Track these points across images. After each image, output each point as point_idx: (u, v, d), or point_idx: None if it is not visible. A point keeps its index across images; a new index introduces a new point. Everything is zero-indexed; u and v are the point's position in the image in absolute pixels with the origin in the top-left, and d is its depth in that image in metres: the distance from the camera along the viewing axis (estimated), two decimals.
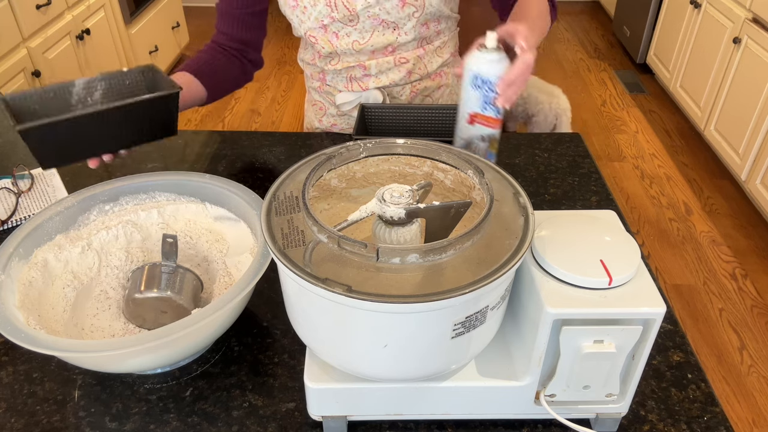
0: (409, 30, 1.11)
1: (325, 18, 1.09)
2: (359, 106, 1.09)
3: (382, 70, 1.16)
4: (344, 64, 1.16)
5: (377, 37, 1.11)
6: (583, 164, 1.15)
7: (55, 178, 1.12)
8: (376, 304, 0.52)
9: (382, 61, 1.14)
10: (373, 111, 1.10)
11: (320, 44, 1.13)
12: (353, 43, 1.12)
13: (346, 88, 1.20)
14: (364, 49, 1.12)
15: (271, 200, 0.63)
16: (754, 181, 2.33)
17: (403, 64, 1.16)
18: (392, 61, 1.15)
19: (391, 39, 1.11)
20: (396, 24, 1.10)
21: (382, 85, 1.17)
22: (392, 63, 1.15)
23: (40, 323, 0.72)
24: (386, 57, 1.14)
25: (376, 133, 1.12)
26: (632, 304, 0.57)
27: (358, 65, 1.15)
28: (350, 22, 1.09)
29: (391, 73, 1.16)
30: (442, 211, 0.60)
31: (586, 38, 3.98)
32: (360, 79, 1.18)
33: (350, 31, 1.11)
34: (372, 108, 1.10)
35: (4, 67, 2.08)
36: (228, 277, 0.83)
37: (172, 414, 0.72)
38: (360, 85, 1.18)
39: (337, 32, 1.11)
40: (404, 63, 1.15)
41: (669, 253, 2.26)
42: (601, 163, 2.76)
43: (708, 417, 0.71)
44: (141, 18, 3.05)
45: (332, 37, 1.12)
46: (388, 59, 1.14)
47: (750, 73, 2.37)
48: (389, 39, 1.11)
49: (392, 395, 0.65)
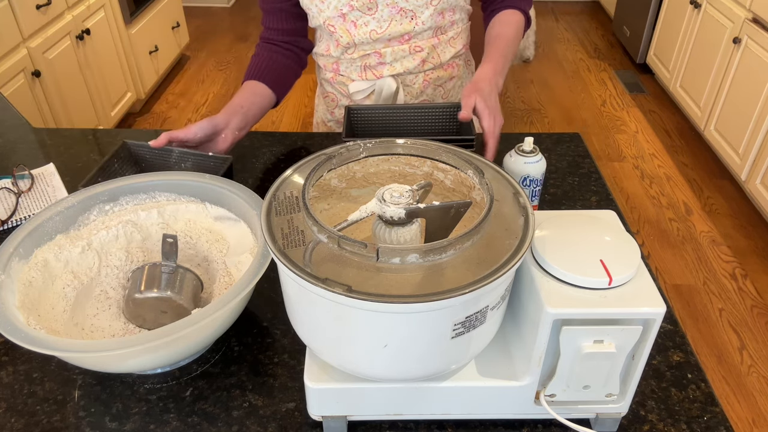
0: (426, 19, 1.13)
1: (344, 7, 1.11)
2: (345, 109, 1.09)
3: (397, 58, 1.17)
4: (360, 52, 1.17)
5: (395, 25, 1.13)
6: (583, 164, 1.15)
7: (55, 178, 1.12)
8: (376, 304, 0.52)
9: (397, 49, 1.16)
10: (359, 113, 1.10)
11: (338, 33, 1.15)
12: (371, 32, 1.14)
13: (360, 77, 1.21)
14: (381, 38, 1.14)
15: (271, 200, 0.63)
16: (754, 181, 2.33)
17: (417, 53, 1.17)
18: (407, 49, 1.16)
19: (408, 28, 1.13)
20: (414, 12, 1.12)
21: (396, 72, 1.19)
22: (407, 51, 1.16)
23: (40, 323, 0.72)
24: (401, 45, 1.16)
25: (363, 135, 1.12)
26: (632, 304, 0.57)
27: (374, 53, 1.17)
28: (369, 10, 1.11)
29: (405, 60, 1.18)
30: (442, 211, 0.60)
31: (586, 38, 3.98)
32: (374, 67, 1.19)
33: (368, 20, 1.13)
34: (358, 110, 1.10)
35: (4, 67, 2.08)
36: (228, 277, 0.83)
37: (172, 414, 0.72)
38: (374, 73, 1.20)
39: (355, 21, 1.13)
40: (419, 51, 1.17)
41: (669, 253, 2.26)
42: (601, 163, 2.76)
43: (708, 417, 0.71)
44: (141, 18, 3.04)
45: (350, 26, 1.14)
46: (403, 47, 1.16)
47: (750, 73, 2.37)
48: (406, 28, 1.13)
49: (392, 395, 0.65)
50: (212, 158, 1.03)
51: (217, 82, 3.46)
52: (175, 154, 1.03)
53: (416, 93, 1.23)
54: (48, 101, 2.34)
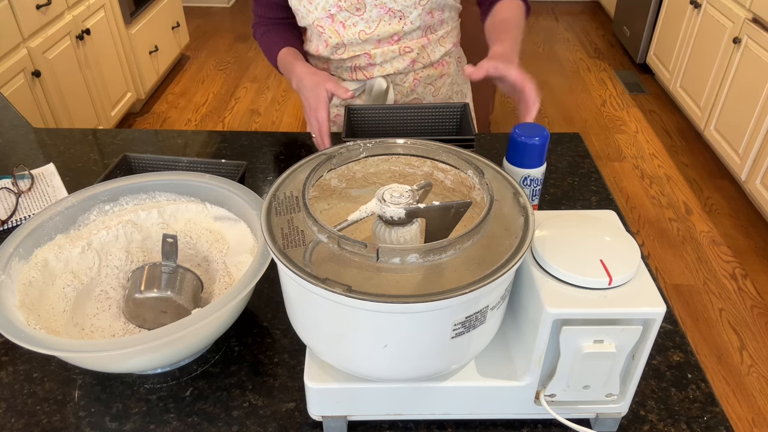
0: (415, 19, 1.13)
1: (332, 7, 1.11)
2: (345, 109, 1.09)
3: (387, 59, 1.17)
4: (350, 53, 1.17)
5: (383, 26, 1.13)
6: (583, 164, 1.15)
7: (55, 178, 1.12)
8: (376, 304, 0.52)
9: (387, 50, 1.16)
10: (359, 113, 1.10)
11: (327, 34, 1.15)
12: (360, 32, 1.13)
13: (350, 77, 1.21)
14: (370, 38, 1.14)
15: (271, 200, 0.63)
16: (754, 181, 2.33)
17: (407, 53, 1.17)
18: (397, 50, 1.16)
19: (397, 28, 1.13)
20: (402, 12, 1.12)
21: (386, 73, 1.19)
22: (397, 52, 1.16)
23: (40, 323, 0.72)
24: (391, 46, 1.16)
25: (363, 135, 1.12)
26: (632, 304, 0.57)
27: (364, 54, 1.17)
28: (357, 11, 1.11)
29: (395, 62, 1.18)
30: (442, 211, 0.60)
31: (586, 38, 3.98)
32: (364, 68, 1.19)
33: (357, 21, 1.13)
34: (358, 110, 1.10)
35: (4, 67, 2.08)
36: (228, 277, 0.83)
37: (172, 414, 0.72)
38: (364, 74, 1.20)
39: (343, 22, 1.13)
40: (409, 52, 1.17)
41: (669, 253, 2.26)
42: (601, 163, 2.76)
43: (708, 417, 0.71)
44: (141, 18, 3.04)
45: (339, 27, 1.14)
46: (393, 48, 1.16)
47: (750, 73, 2.37)
48: (395, 28, 1.13)
49: (392, 395, 0.65)
50: (224, 165, 1.01)
51: (217, 82, 3.46)
52: (184, 163, 1.02)
53: (406, 91, 1.23)
54: (48, 101, 2.34)
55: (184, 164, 1.02)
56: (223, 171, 1.01)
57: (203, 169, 1.01)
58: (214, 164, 1.01)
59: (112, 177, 0.98)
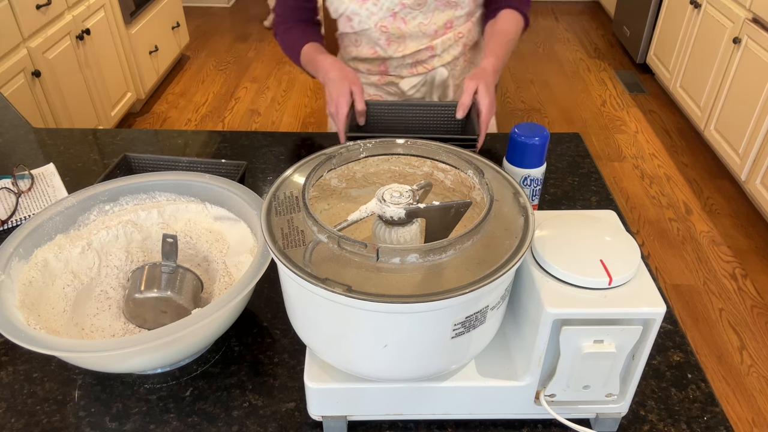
0: (466, 4, 1.19)
1: (396, 6, 1.15)
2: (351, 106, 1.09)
3: (446, 48, 1.22)
4: (412, 48, 1.21)
5: (438, 15, 1.18)
6: (583, 164, 1.15)
7: (55, 178, 1.12)
8: (376, 304, 0.52)
9: (445, 39, 1.21)
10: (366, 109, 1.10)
11: (391, 32, 1.19)
12: (419, 24, 1.18)
13: (410, 72, 1.25)
14: (428, 29, 1.19)
15: (271, 200, 0.63)
16: (754, 181, 2.33)
17: (460, 39, 1.23)
18: (452, 37, 1.22)
19: (450, 15, 1.19)
20: (457, 3, 1.18)
21: (445, 62, 1.24)
22: (452, 39, 1.22)
23: (40, 323, 0.72)
24: (447, 34, 1.21)
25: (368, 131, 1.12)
26: (632, 304, 0.57)
27: (426, 48, 1.21)
28: (418, 6, 1.16)
29: (452, 49, 1.23)
30: (442, 211, 0.60)
31: (586, 38, 3.98)
32: (425, 62, 1.23)
33: (416, 14, 1.17)
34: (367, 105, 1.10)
35: (4, 67, 2.08)
36: (228, 277, 0.83)
37: (172, 414, 0.72)
38: (425, 67, 1.24)
39: (404, 17, 1.17)
40: (461, 38, 1.23)
41: (669, 253, 2.26)
42: (601, 163, 2.76)
43: (708, 417, 0.71)
44: (141, 18, 3.04)
45: (401, 24, 1.18)
46: (449, 36, 1.21)
47: (750, 73, 2.37)
48: (448, 15, 1.19)
49: (392, 395, 0.65)
50: (224, 165, 1.02)
51: (217, 82, 3.46)
52: (184, 163, 1.02)
53: (458, 74, 1.28)
54: (48, 101, 2.34)
55: (184, 164, 1.02)
56: (223, 171, 1.01)
57: (203, 169, 1.01)
58: (214, 164, 1.02)
59: (112, 177, 0.97)
